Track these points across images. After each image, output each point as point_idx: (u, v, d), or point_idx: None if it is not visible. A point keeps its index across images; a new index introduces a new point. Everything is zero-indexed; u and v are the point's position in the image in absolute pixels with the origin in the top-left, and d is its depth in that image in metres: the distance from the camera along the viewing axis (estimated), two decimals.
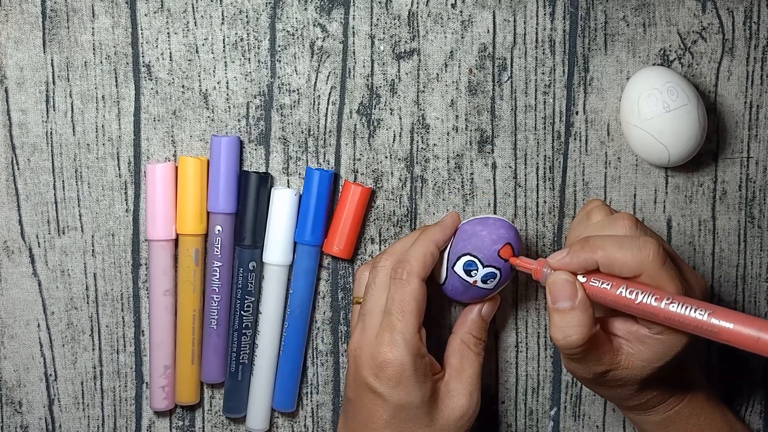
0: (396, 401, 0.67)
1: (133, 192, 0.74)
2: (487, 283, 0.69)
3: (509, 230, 0.69)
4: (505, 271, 0.69)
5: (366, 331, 0.68)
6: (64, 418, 0.76)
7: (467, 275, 0.69)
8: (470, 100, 0.75)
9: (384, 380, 0.67)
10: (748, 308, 0.78)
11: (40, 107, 0.73)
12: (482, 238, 0.68)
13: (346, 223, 0.74)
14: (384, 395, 0.67)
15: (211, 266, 0.73)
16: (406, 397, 0.67)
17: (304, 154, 0.75)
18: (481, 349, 0.70)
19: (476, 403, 0.70)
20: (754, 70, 0.76)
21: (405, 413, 0.67)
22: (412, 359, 0.67)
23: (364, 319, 0.69)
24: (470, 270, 0.68)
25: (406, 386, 0.67)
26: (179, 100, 0.74)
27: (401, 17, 0.74)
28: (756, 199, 0.77)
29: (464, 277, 0.69)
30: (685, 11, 0.75)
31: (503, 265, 0.68)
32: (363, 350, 0.68)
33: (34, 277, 0.75)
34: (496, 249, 0.68)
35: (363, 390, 0.68)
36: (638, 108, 0.71)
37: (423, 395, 0.67)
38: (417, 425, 0.68)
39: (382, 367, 0.67)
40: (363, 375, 0.68)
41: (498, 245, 0.68)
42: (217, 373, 0.75)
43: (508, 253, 0.68)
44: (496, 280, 0.69)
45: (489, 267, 0.68)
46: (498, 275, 0.69)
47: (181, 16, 0.73)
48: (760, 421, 0.79)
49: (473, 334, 0.71)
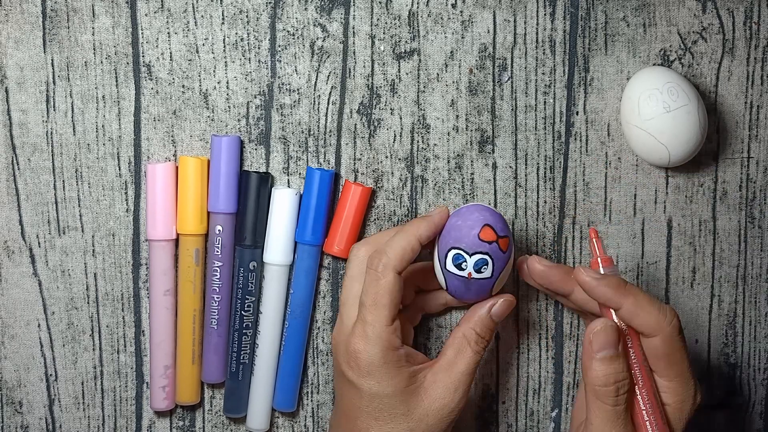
0: (367, 390, 0.67)
1: (133, 192, 0.74)
2: (483, 272, 0.67)
3: (483, 212, 0.67)
4: (496, 254, 0.67)
5: (343, 322, 0.69)
6: (64, 418, 0.76)
7: (459, 269, 0.67)
8: (470, 100, 0.75)
9: (355, 370, 0.67)
10: (749, 308, 0.78)
11: (41, 107, 0.73)
12: (459, 228, 0.67)
13: (346, 223, 0.74)
14: (357, 384, 0.67)
15: (212, 266, 0.73)
16: (377, 386, 0.67)
17: (304, 154, 0.75)
18: (481, 348, 0.69)
19: (460, 400, 0.68)
20: (755, 70, 0.76)
21: (378, 402, 0.67)
22: (382, 352, 0.66)
23: (341, 309, 0.70)
24: (460, 263, 0.67)
25: (376, 376, 0.67)
26: (179, 100, 0.74)
27: (401, 17, 0.74)
28: (756, 199, 0.77)
29: (458, 273, 0.67)
30: (685, 11, 0.75)
31: (490, 249, 0.67)
32: (339, 340, 0.69)
33: (34, 277, 0.75)
34: (475, 234, 0.67)
35: (341, 379, 0.69)
36: (638, 108, 0.71)
37: (395, 385, 0.67)
38: (392, 414, 0.67)
39: (353, 357, 0.67)
40: (339, 363, 0.69)
41: (476, 229, 0.67)
42: (218, 373, 0.75)
43: (490, 234, 0.67)
44: (490, 266, 0.67)
45: (476, 254, 0.67)
46: (489, 260, 0.67)
47: (181, 16, 0.73)
48: (760, 421, 0.79)
49: (476, 330, 0.69)
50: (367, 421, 0.68)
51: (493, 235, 0.67)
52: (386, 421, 0.67)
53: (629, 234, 0.77)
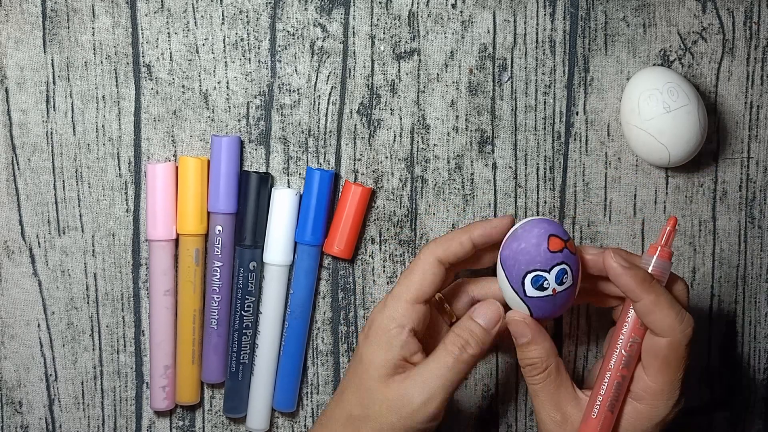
0: (362, 351, 0.67)
1: (133, 192, 0.74)
2: (565, 282, 0.65)
3: (541, 224, 0.65)
4: (569, 259, 0.64)
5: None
6: (64, 418, 0.76)
7: (542, 290, 0.64)
8: (470, 100, 0.75)
9: (363, 332, 0.68)
10: (749, 308, 0.78)
11: (41, 107, 0.73)
12: (527, 251, 0.64)
13: (346, 223, 0.74)
14: (359, 344, 0.68)
15: (212, 266, 0.73)
16: (368, 351, 0.67)
17: (304, 154, 0.75)
18: (467, 356, 0.66)
19: (429, 412, 0.65)
20: (755, 70, 0.76)
21: (365, 365, 0.67)
22: (386, 320, 0.66)
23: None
24: (541, 284, 0.64)
25: (372, 343, 0.66)
26: (179, 100, 0.74)
27: (401, 17, 0.74)
28: (756, 199, 0.77)
29: (542, 295, 0.64)
30: (685, 12, 0.75)
31: (563, 256, 0.64)
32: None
33: (34, 277, 0.75)
34: (545, 249, 0.64)
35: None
36: (638, 108, 0.71)
37: (383, 360, 0.66)
38: (369, 379, 0.66)
39: (368, 322, 0.68)
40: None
41: (543, 244, 0.64)
42: (218, 373, 0.75)
43: (558, 243, 0.64)
44: (570, 272, 0.65)
45: (554, 268, 0.64)
46: (567, 268, 0.65)
47: (181, 16, 0.73)
48: (760, 421, 0.79)
49: (462, 335, 0.67)
50: (347, 384, 0.68)
51: (560, 243, 0.64)
52: (362, 393, 0.66)
53: (629, 234, 0.77)
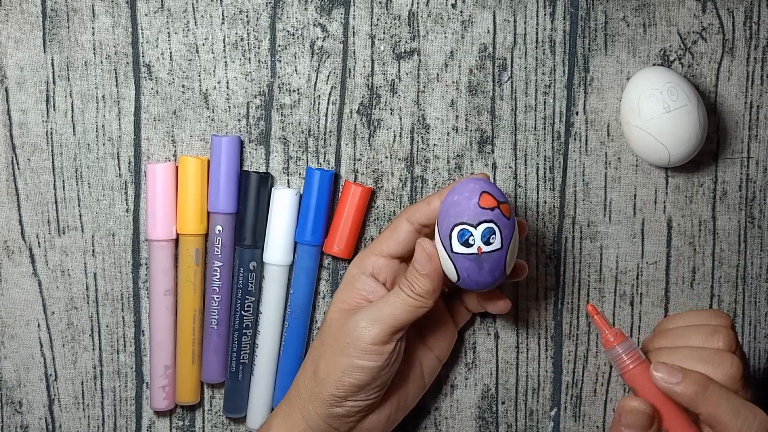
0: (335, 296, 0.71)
1: (133, 192, 0.74)
2: (492, 242, 0.64)
3: (477, 182, 0.65)
4: (501, 221, 0.64)
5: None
6: (64, 418, 0.76)
7: (467, 246, 0.64)
8: (470, 100, 0.75)
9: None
10: (748, 308, 0.78)
11: (41, 107, 0.73)
12: (458, 203, 0.64)
13: (346, 223, 0.74)
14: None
15: (212, 266, 0.73)
16: (335, 294, 0.71)
17: (304, 154, 0.75)
18: (413, 294, 0.67)
19: (366, 326, 0.67)
20: (755, 70, 0.76)
21: (330, 306, 0.70)
22: (351, 267, 0.71)
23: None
24: (467, 239, 0.64)
25: (339, 288, 0.71)
26: (179, 100, 0.74)
27: (401, 17, 0.74)
28: (756, 199, 0.77)
29: (467, 251, 0.64)
30: (685, 11, 0.75)
31: (494, 216, 0.64)
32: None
33: (34, 277, 0.75)
34: (475, 203, 0.64)
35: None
36: (638, 108, 0.71)
37: (343, 296, 0.70)
38: (330, 314, 0.70)
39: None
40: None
41: (474, 199, 0.64)
42: (218, 373, 0.75)
43: (489, 200, 0.64)
44: (499, 233, 0.64)
45: (481, 224, 0.64)
46: (496, 229, 0.64)
47: (181, 15, 0.73)
48: None
49: (408, 278, 0.67)
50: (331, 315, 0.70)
51: (492, 201, 0.64)
52: (323, 327, 0.70)
53: (629, 234, 0.77)
